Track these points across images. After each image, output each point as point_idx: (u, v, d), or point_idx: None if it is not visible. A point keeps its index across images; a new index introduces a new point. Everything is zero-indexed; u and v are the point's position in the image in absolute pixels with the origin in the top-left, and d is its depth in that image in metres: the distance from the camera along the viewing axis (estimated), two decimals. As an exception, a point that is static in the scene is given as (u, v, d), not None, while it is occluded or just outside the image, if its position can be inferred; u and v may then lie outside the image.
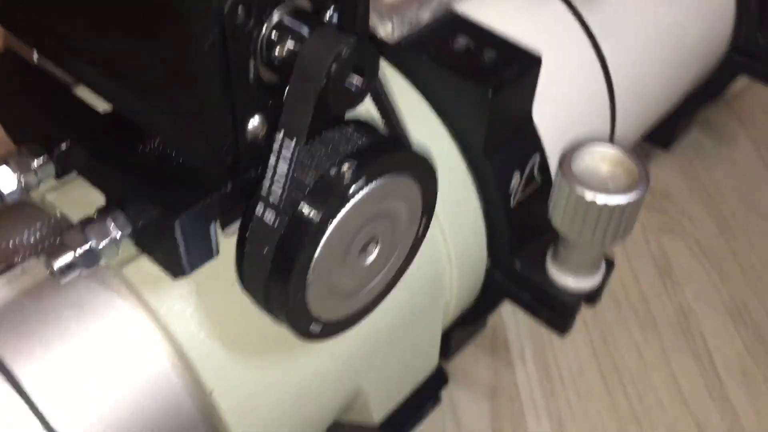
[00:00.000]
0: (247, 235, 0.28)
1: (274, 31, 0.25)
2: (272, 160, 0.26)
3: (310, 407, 0.36)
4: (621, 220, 0.36)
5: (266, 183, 0.27)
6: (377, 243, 0.30)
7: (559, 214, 0.37)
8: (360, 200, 0.28)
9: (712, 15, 0.56)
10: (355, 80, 0.25)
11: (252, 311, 0.32)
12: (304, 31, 0.25)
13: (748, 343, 0.59)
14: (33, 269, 0.31)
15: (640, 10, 0.50)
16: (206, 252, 0.29)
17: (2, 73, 0.33)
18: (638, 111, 0.51)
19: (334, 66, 0.24)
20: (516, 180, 0.39)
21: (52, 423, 0.29)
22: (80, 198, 0.32)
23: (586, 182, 0.36)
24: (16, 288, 0.31)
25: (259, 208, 0.27)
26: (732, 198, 0.69)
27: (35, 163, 0.32)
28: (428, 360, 0.43)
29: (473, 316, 0.46)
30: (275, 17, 0.24)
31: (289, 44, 0.25)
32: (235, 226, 0.29)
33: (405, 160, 0.29)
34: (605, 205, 0.36)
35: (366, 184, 0.27)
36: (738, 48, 0.59)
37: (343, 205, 0.27)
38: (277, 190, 0.27)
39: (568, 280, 0.40)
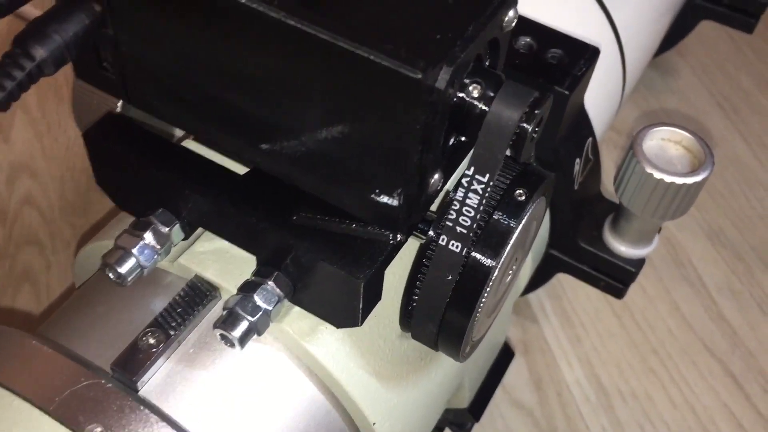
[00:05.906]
0: (428, 264, 0.29)
1: (458, 95, 0.26)
2: (460, 194, 0.27)
3: (437, 410, 0.38)
4: (685, 197, 0.39)
5: (452, 216, 0.28)
6: (517, 258, 0.32)
7: (628, 190, 0.40)
8: (525, 221, 0.29)
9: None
10: (531, 129, 0.26)
11: (391, 339, 0.34)
12: (489, 91, 0.26)
13: (730, 262, 0.65)
14: (194, 339, 0.31)
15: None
16: (375, 300, 0.30)
17: (109, 138, 0.32)
18: (640, 67, 0.54)
19: (522, 124, 0.26)
20: (578, 166, 0.42)
21: None
22: (212, 257, 0.32)
23: (656, 162, 0.39)
24: (190, 360, 0.31)
25: (443, 239, 0.28)
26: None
27: (167, 229, 0.32)
28: (500, 340, 0.46)
29: (523, 294, 0.49)
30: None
31: (477, 105, 0.26)
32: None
33: (548, 183, 0.31)
34: (672, 183, 0.39)
35: (531, 206, 0.29)
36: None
37: (517, 227, 0.29)
38: (465, 221, 0.28)
39: (628, 249, 0.44)
